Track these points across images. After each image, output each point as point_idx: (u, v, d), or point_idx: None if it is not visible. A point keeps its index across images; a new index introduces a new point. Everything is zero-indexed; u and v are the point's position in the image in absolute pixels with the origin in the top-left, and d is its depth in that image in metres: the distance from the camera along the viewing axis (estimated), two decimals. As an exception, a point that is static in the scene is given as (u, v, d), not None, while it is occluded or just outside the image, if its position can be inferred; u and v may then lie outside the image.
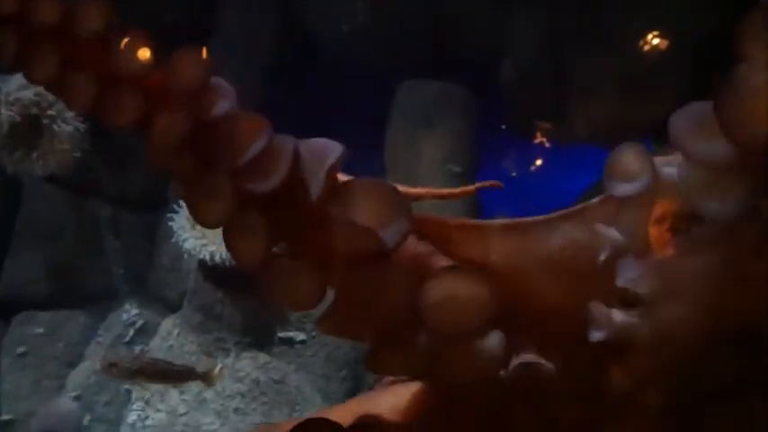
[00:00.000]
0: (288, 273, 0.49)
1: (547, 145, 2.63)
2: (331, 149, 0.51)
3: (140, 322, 2.57)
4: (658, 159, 0.54)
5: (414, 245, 0.51)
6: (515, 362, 0.49)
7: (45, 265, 2.60)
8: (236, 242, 0.50)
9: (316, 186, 0.49)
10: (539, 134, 2.61)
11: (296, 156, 0.50)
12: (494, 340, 0.49)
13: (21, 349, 2.53)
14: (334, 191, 0.49)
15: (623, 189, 0.52)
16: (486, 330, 0.48)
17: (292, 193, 0.49)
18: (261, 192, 0.49)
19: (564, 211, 0.54)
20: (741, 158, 0.46)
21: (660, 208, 0.52)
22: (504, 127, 2.76)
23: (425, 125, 2.67)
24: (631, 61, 2.41)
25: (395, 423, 0.51)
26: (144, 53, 0.53)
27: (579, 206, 0.54)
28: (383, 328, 0.49)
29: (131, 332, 2.57)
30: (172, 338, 2.46)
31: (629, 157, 0.53)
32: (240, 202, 0.50)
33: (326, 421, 0.48)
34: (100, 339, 2.56)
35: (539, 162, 2.70)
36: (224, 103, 0.52)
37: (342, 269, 0.49)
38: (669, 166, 0.52)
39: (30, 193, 2.63)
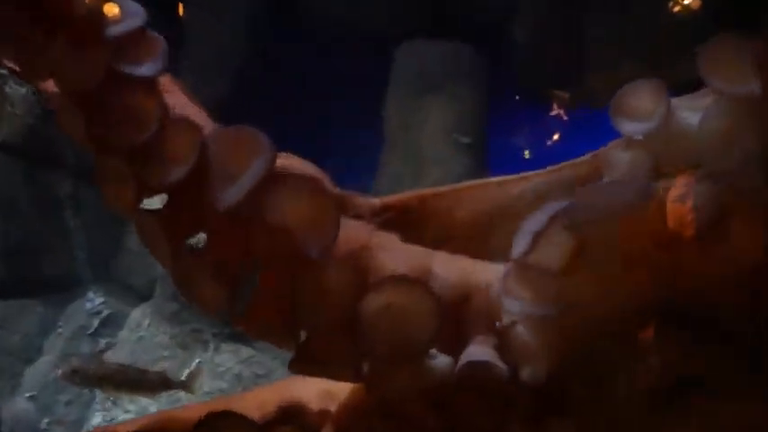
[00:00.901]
0: (194, 272, 0.49)
1: (562, 111, 2.56)
2: (260, 150, 0.48)
3: (106, 312, 2.38)
4: (676, 101, 0.53)
5: (353, 233, 0.50)
6: (462, 362, 0.49)
7: (-2, 245, 2.40)
8: (143, 233, 0.51)
9: (231, 193, 0.47)
10: (556, 98, 2.48)
11: (203, 151, 0.48)
12: (439, 360, 0.48)
13: (-31, 343, 2.34)
14: (258, 189, 0.47)
15: (631, 128, 0.52)
16: (429, 347, 0.48)
17: (200, 190, 0.48)
18: (162, 184, 0.49)
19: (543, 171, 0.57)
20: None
21: (681, 187, 0.51)
22: (515, 92, 2.63)
23: (429, 90, 2.51)
24: (652, 20, 2.31)
25: (320, 411, 0.52)
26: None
27: (562, 164, 0.57)
28: (312, 334, 0.48)
29: (96, 323, 2.38)
30: (142, 330, 2.35)
31: (642, 94, 0.52)
32: (146, 190, 0.50)
33: (235, 416, 0.49)
34: (60, 331, 2.37)
35: (553, 130, 2.57)
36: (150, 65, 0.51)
37: (261, 270, 0.49)
38: (686, 110, 0.52)
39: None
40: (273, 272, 0.47)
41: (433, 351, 0.48)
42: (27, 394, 2.23)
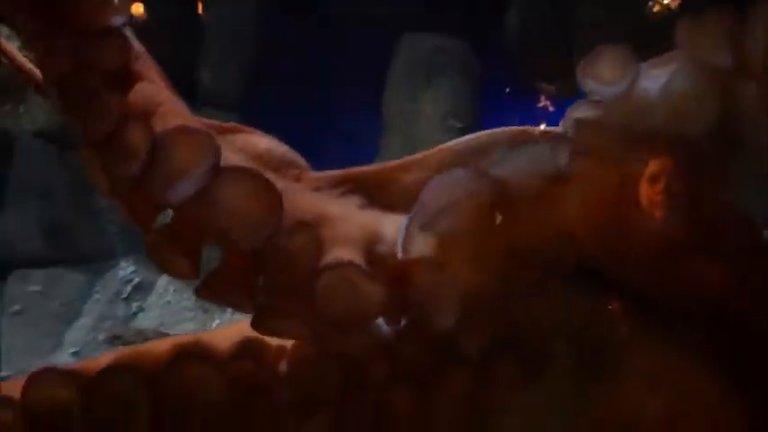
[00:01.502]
0: (161, 246, 0.49)
1: (551, 101, 2.60)
2: (206, 150, 0.48)
3: (137, 280, 2.58)
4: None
5: (309, 203, 0.51)
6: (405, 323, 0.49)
7: (39, 222, 2.60)
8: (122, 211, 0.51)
9: (178, 191, 0.47)
10: (543, 90, 2.58)
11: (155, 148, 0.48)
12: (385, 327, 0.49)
13: (17, 307, 2.55)
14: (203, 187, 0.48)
15: (599, 92, 0.49)
16: (379, 313, 0.48)
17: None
18: (121, 176, 0.49)
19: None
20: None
21: (655, 166, 0.50)
22: (506, 82, 2.71)
23: (426, 81, 2.64)
24: (641, 12, 2.38)
25: (278, 346, 0.51)
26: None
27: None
28: (270, 301, 0.48)
29: (128, 289, 2.58)
30: (168, 295, 2.52)
31: (609, 60, 0.51)
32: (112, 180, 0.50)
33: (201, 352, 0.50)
34: (97, 297, 2.58)
35: (541, 119, 2.67)
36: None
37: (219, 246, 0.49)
38: (649, 77, 0.50)
39: (20, 149, 2.60)
40: (228, 247, 0.48)
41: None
42: (70, 350, 2.44)
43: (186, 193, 0.47)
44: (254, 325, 0.49)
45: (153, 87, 0.53)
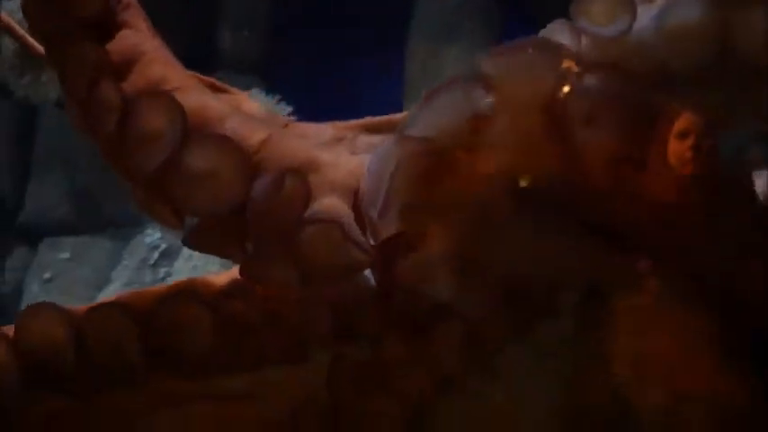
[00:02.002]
0: (148, 200, 0.51)
1: None
2: (174, 116, 0.48)
3: (163, 245, 2.60)
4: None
5: (297, 151, 0.50)
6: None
7: (66, 191, 2.65)
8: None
9: (149, 157, 0.47)
10: None
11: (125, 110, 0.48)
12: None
13: (48, 274, 2.60)
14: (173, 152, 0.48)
15: (591, 30, 0.46)
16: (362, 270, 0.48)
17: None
18: (100, 133, 0.49)
19: None
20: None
21: (685, 122, 0.48)
22: (528, 33, 2.66)
23: (447, 37, 2.60)
24: None
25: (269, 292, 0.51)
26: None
27: None
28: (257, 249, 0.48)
29: (155, 255, 2.61)
30: (194, 260, 2.49)
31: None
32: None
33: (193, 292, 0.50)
34: (125, 263, 2.61)
35: None
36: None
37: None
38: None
39: (44, 119, 2.64)
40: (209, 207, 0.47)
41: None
42: (100, 316, 2.52)
43: (157, 157, 0.47)
44: (241, 273, 0.48)
45: (137, 36, 0.52)
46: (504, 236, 0.47)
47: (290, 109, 2.39)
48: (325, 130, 0.54)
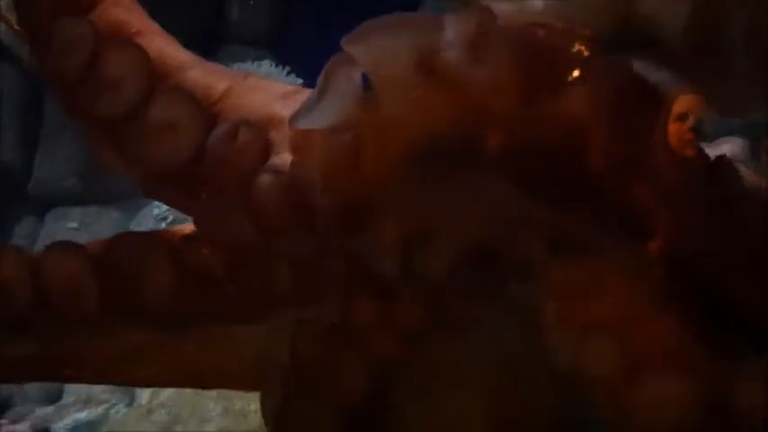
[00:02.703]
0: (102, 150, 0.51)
1: None
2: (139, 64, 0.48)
3: (171, 217, 2.56)
4: None
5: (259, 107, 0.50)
6: None
7: (75, 161, 2.66)
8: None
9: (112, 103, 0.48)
10: None
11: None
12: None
13: (56, 244, 2.62)
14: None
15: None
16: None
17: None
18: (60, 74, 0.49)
19: None
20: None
21: (682, 104, 0.47)
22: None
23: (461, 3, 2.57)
24: None
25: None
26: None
27: None
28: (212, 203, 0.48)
29: (163, 226, 2.59)
30: None
31: None
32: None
33: None
34: None
35: None
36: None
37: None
38: None
39: (50, 91, 2.64)
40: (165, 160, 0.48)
41: None
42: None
43: (118, 107, 0.47)
44: (196, 224, 0.49)
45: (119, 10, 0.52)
46: (438, 203, 0.46)
47: (300, 81, 2.39)
48: (276, 84, 0.53)
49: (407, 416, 0.50)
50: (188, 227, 0.52)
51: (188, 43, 0.52)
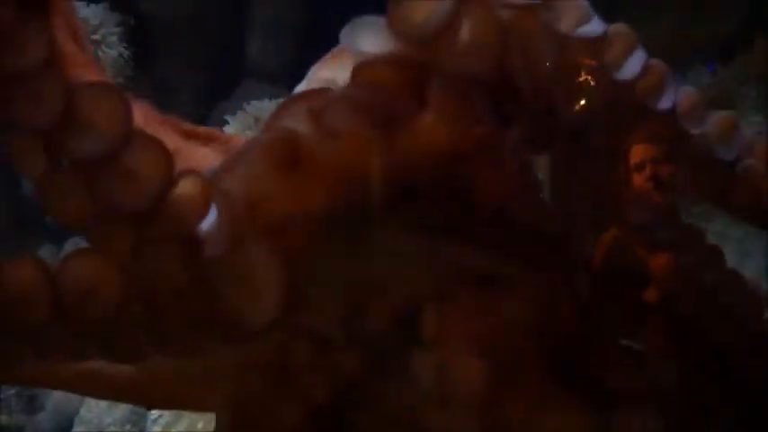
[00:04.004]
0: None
1: None
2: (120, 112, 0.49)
3: None
4: None
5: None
6: None
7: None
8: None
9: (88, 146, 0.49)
10: None
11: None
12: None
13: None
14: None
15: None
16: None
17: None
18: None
19: None
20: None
21: (638, 154, 0.53)
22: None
23: None
24: None
25: None
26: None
27: None
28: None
29: None
30: None
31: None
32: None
33: None
34: None
35: None
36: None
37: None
38: None
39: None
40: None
41: None
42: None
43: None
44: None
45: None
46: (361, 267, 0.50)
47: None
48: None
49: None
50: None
51: (207, 79, 0.55)
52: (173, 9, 2.68)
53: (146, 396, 0.55)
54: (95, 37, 2.51)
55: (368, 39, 0.54)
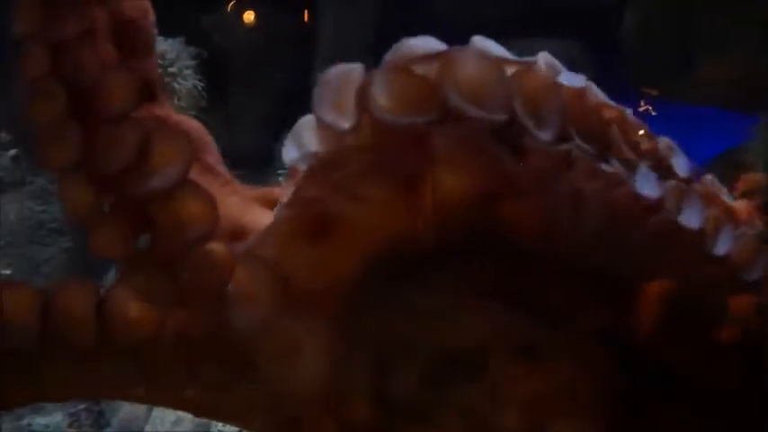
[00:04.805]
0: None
1: (653, 105, 2.53)
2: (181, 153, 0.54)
3: None
4: None
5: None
6: None
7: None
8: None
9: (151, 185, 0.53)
10: (646, 93, 2.49)
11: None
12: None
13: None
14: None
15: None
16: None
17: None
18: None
19: None
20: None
21: (744, 183, 0.54)
22: (622, 84, 2.66)
23: None
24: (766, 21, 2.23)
25: None
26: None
27: None
28: None
29: None
30: None
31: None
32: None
33: None
34: None
35: (659, 123, 2.56)
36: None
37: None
38: None
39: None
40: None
41: None
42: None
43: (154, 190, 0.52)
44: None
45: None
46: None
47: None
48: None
49: None
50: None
51: (275, 107, 0.57)
52: (244, 43, 2.78)
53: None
54: (172, 70, 2.61)
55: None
